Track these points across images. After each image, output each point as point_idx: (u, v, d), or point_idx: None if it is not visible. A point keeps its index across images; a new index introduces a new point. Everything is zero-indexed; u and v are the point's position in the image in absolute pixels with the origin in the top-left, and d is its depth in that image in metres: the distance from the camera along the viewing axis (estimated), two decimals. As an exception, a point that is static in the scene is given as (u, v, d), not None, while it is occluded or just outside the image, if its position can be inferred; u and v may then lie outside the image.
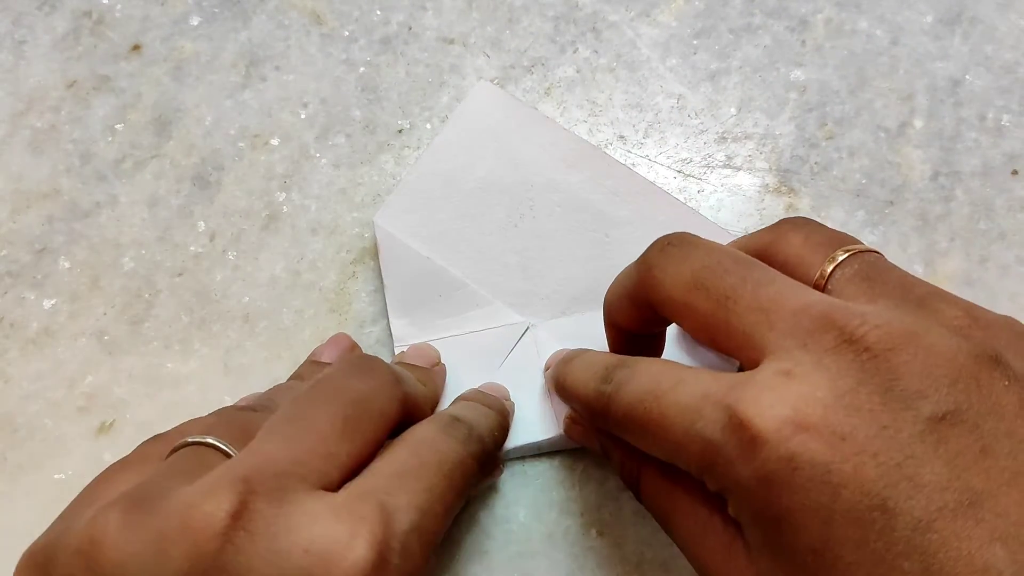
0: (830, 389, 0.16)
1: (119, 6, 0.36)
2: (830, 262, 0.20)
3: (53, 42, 0.35)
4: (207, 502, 0.17)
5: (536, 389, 0.29)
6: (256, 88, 0.34)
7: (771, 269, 0.19)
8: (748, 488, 0.16)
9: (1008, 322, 0.18)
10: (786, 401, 0.16)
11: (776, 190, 0.32)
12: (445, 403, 0.28)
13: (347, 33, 0.35)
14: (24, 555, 0.18)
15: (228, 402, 0.30)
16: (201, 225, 0.32)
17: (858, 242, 0.21)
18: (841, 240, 0.21)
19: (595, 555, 0.27)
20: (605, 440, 0.24)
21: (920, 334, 0.16)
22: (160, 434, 0.23)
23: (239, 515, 0.17)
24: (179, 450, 0.20)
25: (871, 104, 0.33)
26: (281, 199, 0.32)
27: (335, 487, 0.19)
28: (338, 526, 0.17)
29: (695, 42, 0.34)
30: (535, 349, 0.29)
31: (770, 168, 0.32)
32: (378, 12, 0.35)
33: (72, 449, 0.29)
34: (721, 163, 0.33)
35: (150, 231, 0.32)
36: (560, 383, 0.25)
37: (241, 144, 0.33)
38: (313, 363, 0.27)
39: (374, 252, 0.31)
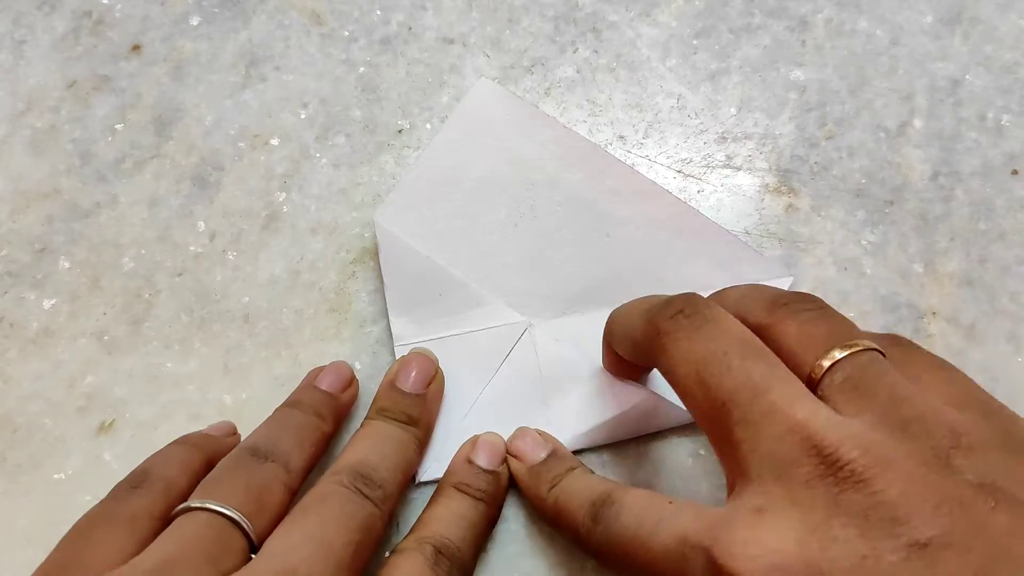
0: (803, 524, 0.16)
1: (119, 6, 0.36)
2: (819, 368, 0.19)
3: (53, 42, 0.35)
4: None
5: (534, 393, 0.29)
6: (256, 88, 0.34)
7: (772, 365, 0.19)
8: None
9: (1000, 438, 0.17)
10: (761, 542, 0.16)
11: (776, 190, 0.32)
12: (448, 412, 0.28)
13: (347, 33, 0.35)
14: None
15: (228, 402, 0.30)
16: (201, 225, 0.32)
17: (856, 335, 0.20)
18: (837, 335, 0.20)
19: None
20: None
21: (899, 460, 0.16)
22: (138, 479, 0.23)
23: None
24: (189, 513, 0.21)
25: (871, 104, 0.33)
26: (281, 199, 0.32)
27: None
28: None
29: (695, 42, 0.34)
30: (534, 349, 0.29)
31: (770, 168, 0.32)
32: (378, 12, 0.35)
33: (72, 449, 0.29)
34: (721, 163, 0.33)
35: (150, 231, 0.32)
36: (550, 511, 0.25)
37: (241, 144, 0.33)
38: (312, 389, 0.27)
39: (374, 252, 0.31)
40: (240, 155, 0.33)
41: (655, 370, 0.25)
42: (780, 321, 0.21)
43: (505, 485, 0.27)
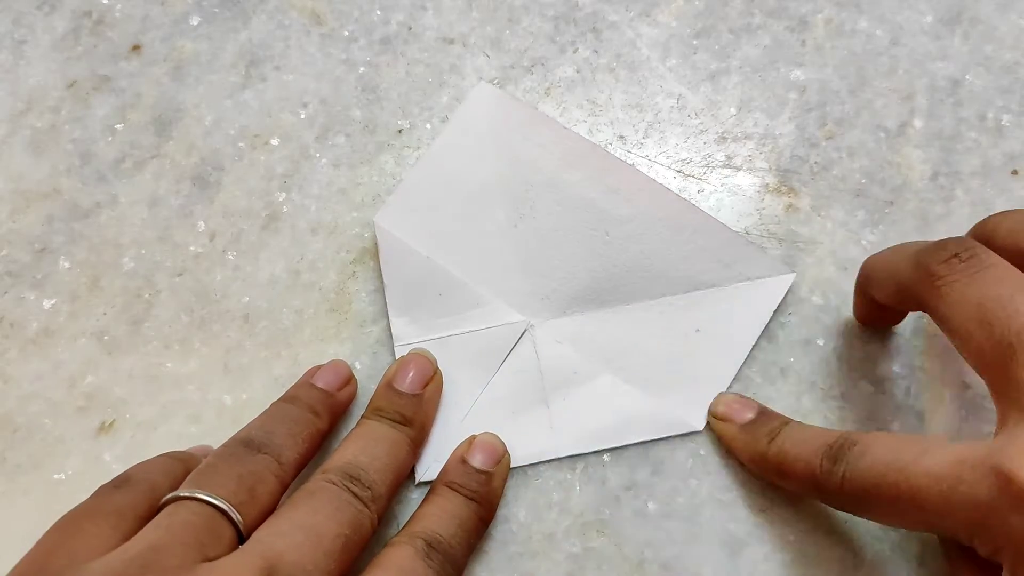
0: None
1: (119, 6, 0.36)
2: None
3: (53, 42, 0.35)
4: None
5: (534, 393, 0.29)
6: (256, 88, 0.34)
7: None
8: None
9: None
10: None
11: (776, 190, 0.32)
12: (448, 412, 0.28)
13: (347, 33, 0.35)
14: None
15: (228, 402, 0.30)
16: (201, 225, 0.32)
17: None
18: None
19: (595, 555, 0.27)
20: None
21: None
22: (121, 480, 0.23)
23: None
24: (177, 502, 0.21)
25: (871, 104, 0.33)
26: (281, 199, 0.32)
27: None
28: None
29: (695, 42, 0.34)
30: (534, 349, 0.29)
31: (770, 168, 0.32)
32: (378, 12, 0.35)
33: (72, 449, 0.29)
34: (721, 163, 0.33)
35: (150, 231, 0.32)
36: (773, 463, 0.25)
37: (241, 144, 0.33)
38: (309, 386, 0.27)
39: (374, 252, 0.31)
40: (240, 155, 0.33)
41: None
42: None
43: (499, 486, 0.27)
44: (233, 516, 0.21)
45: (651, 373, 0.29)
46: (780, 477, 0.25)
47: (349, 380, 0.28)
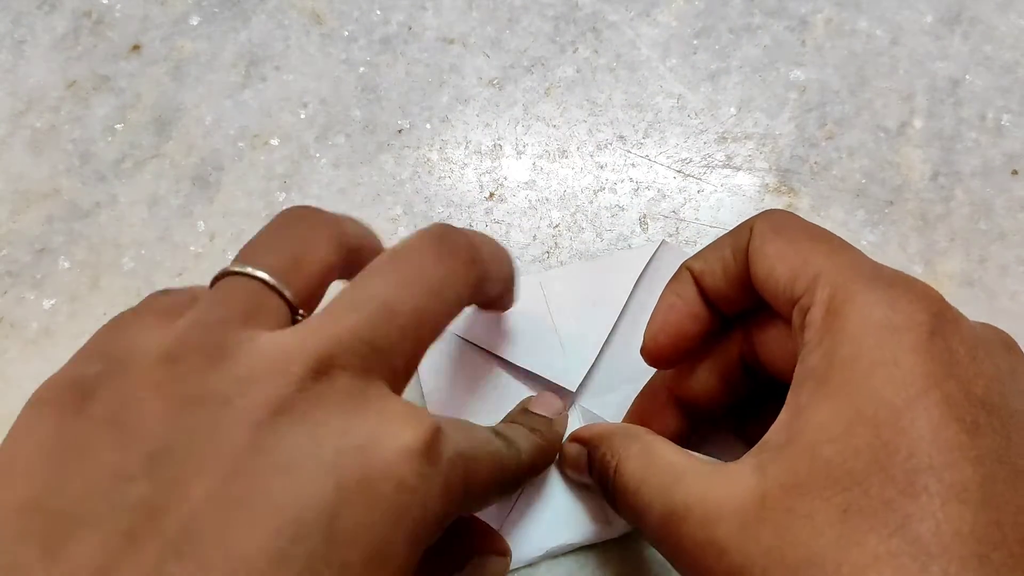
0: None
1: (119, 6, 0.36)
2: None
3: (53, 42, 0.35)
4: (292, 361, 0.16)
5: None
6: (256, 88, 0.34)
7: None
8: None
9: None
10: None
11: (776, 190, 0.32)
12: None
13: (347, 33, 0.35)
14: (51, 386, 0.17)
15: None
16: (201, 225, 0.32)
17: None
18: None
19: (595, 555, 0.27)
20: None
21: None
22: (165, 290, 0.20)
23: (319, 376, 0.16)
24: (222, 280, 0.18)
25: (871, 104, 0.33)
26: (281, 199, 0.32)
27: (395, 385, 0.18)
28: (403, 418, 0.16)
29: (695, 42, 0.34)
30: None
31: (770, 168, 0.32)
32: (378, 12, 0.35)
33: (72, 449, 0.29)
34: (721, 163, 0.33)
35: (150, 231, 0.32)
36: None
37: (241, 144, 0.33)
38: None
39: (374, 252, 0.31)
40: (240, 155, 0.33)
41: None
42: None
43: (561, 432, 0.26)
44: (274, 284, 0.18)
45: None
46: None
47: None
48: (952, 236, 0.31)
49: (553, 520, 0.27)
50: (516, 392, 0.28)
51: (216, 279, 0.19)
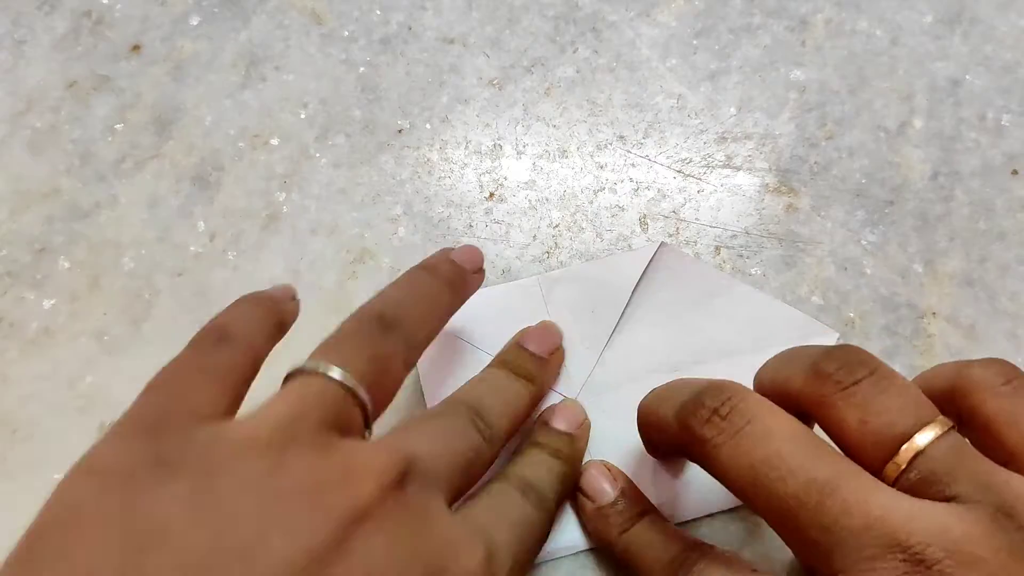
0: None
1: (119, 6, 0.36)
2: (894, 468, 0.18)
3: (53, 42, 0.35)
4: (380, 467, 0.17)
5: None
6: (256, 88, 0.34)
7: (833, 460, 0.18)
8: None
9: None
10: None
11: (776, 190, 0.32)
12: None
13: (347, 33, 0.35)
14: (124, 426, 0.19)
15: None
16: (201, 225, 0.32)
17: (924, 413, 0.18)
18: (903, 418, 0.18)
19: (595, 555, 0.27)
20: None
21: (988, 557, 0.16)
22: (220, 333, 0.21)
23: (400, 485, 0.18)
24: (309, 376, 0.19)
25: (871, 104, 0.33)
26: (281, 199, 0.32)
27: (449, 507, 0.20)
28: (463, 541, 0.18)
29: (695, 42, 0.34)
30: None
31: (770, 168, 0.32)
32: (378, 12, 0.35)
33: (72, 449, 0.29)
34: (721, 163, 0.33)
35: (150, 231, 0.32)
36: (619, 555, 0.25)
37: (241, 144, 0.33)
38: (449, 260, 0.25)
39: (374, 252, 0.31)
40: (240, 155, 0.33)
41: None
42: (831, 403, 0.19)
43: (582, 447, 0.27)
44: (362, 396, 0.19)
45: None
46: (624, 569, 0.25)
47: (481, 268, 0.27)
48: (952, 236, 0.31)
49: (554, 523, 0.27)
50: None
51: (300, 372, 0.20)
